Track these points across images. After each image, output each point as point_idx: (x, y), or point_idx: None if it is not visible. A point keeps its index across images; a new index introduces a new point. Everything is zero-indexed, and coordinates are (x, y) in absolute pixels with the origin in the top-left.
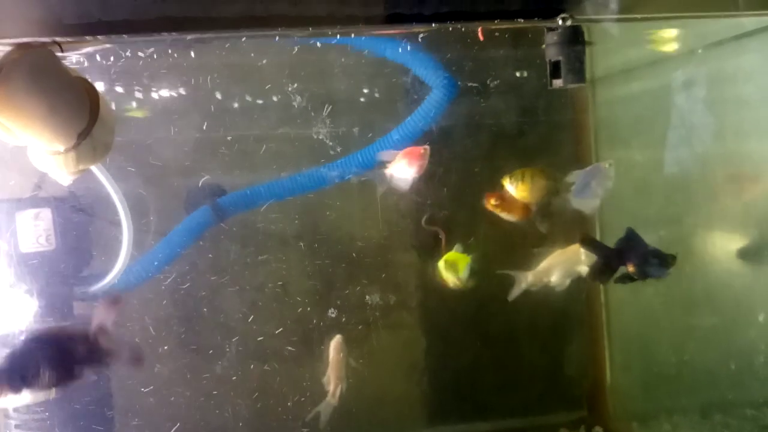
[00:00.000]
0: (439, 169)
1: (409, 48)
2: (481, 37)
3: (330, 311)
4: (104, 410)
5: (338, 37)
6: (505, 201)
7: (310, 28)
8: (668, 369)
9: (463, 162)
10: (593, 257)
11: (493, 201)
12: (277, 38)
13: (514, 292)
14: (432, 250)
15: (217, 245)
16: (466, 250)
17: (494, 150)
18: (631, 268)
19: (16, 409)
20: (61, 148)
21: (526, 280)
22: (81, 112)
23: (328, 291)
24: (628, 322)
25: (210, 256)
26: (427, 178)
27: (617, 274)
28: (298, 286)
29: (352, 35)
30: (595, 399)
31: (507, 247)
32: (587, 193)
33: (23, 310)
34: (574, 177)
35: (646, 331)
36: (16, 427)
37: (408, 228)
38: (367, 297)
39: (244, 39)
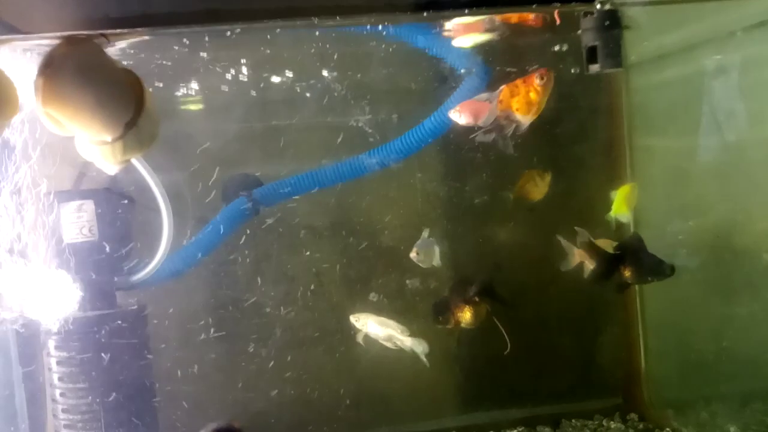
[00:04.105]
0: (477, 155)
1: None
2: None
3: (371, 296)
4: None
5: (376, 25)
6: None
7: (349, 17)
8: (706, 356)
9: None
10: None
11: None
12: (316, 31)
13: (566, 264)
14: None
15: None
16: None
17: (529, 136)
18: (627, 273)
19: (65, 410)
20: (108, 138)
21: (575, 255)
22: (127, 104)
23: (368, 277)
24: (663, 309)
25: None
26: (465, 162)
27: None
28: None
29: (390, 24)
30: (630, 386)
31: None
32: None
33: (68, 298)
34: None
35: (682, 318)
36: (65, 427)
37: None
38: (408, 282)
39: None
